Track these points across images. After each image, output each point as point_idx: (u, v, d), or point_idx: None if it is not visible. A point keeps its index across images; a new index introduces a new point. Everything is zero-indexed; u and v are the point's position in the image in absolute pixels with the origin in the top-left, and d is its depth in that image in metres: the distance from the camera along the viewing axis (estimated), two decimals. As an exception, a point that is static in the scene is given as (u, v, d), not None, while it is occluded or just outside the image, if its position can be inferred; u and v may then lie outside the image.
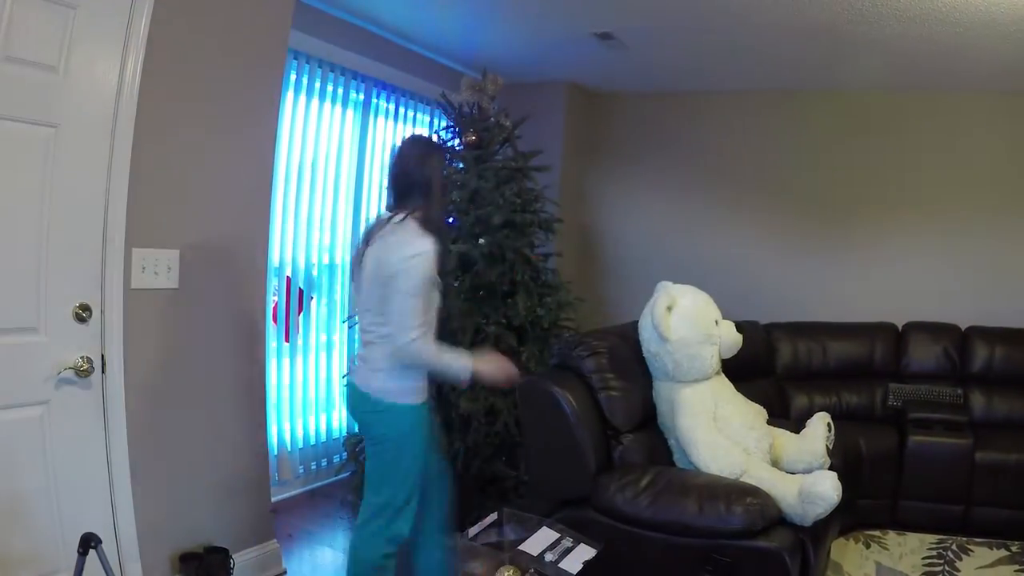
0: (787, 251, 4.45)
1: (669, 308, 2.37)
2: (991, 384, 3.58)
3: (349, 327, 3.60)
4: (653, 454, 2.39)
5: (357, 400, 2.05)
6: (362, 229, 2.84)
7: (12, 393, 1.89)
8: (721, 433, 2.31)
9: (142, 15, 2.05)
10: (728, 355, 2.49)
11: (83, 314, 2.02)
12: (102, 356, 2.07)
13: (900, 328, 3.82)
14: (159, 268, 2.21)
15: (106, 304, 2.07)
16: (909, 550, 2.98)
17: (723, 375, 2.54)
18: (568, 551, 1.99)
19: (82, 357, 2.00)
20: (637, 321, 2.53)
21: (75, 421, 2.02)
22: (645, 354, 2.44)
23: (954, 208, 4.10)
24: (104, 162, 2.04)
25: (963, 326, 3.74)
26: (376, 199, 3.93)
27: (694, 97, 4.65)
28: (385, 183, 2.41)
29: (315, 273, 3.61)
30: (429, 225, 1.98)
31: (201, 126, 2.30)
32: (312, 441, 3.62)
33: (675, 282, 2.53)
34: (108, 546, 2.07)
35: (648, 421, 2.47)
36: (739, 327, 2.54)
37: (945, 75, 3.77)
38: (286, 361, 3.48)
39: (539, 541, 2.01)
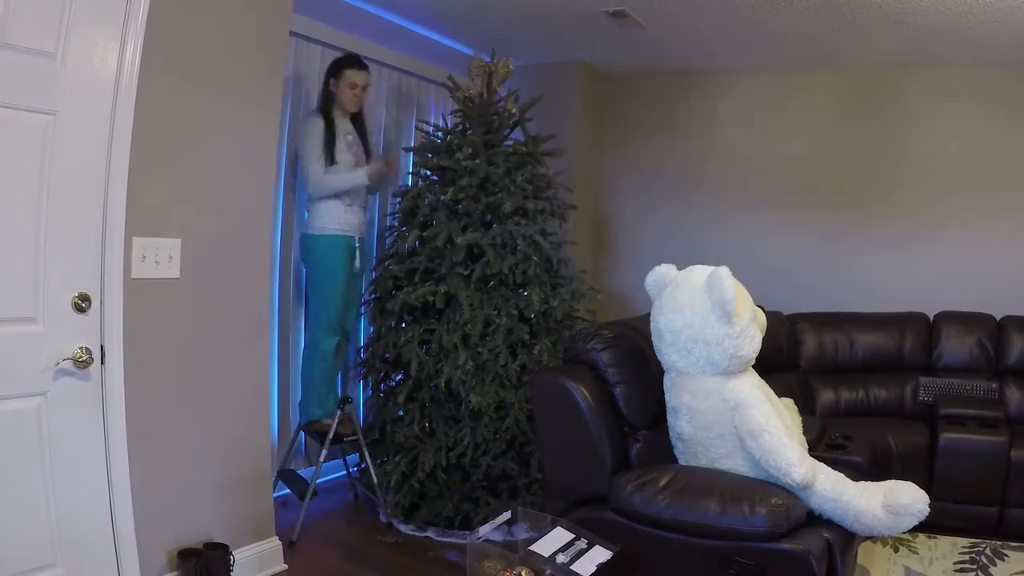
0: (812, 238, 4.31)
1: None
2: (1028, 378, 3.44)
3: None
4: (672, 452, 2.30)
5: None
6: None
7: (9, 384, 1.86)
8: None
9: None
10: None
11: (82, 304, 1.98)
12: (101, 347, 2.03)
13: (931, 318, 3.70)
14: (160, 257, 2.17)
15: (106, 294, 2.03)
16: (940, 554, 2.86)
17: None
18: (582, 553, 1.92)
19: (81, 348, 1.96)
20: (649, 313, 2.40)
21: (73, 413, 1.98)
22: (686, 344, 2.16)
23: (988, 192, 3.94)
24: (103, 149, 2.01)
25: (998, 316, 3.61)
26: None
27: (712, 77, 4.51)
28: None
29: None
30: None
31: (202, 112, 2.25)
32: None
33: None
34: (105, 541, 2.06)
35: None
36: (761, 318, 2.42)
37: (979, 50, 3.60)
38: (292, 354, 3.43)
39: (552, 541, 1.95)
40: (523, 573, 1.90)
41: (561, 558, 1.88)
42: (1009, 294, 3.77)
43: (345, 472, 3.44)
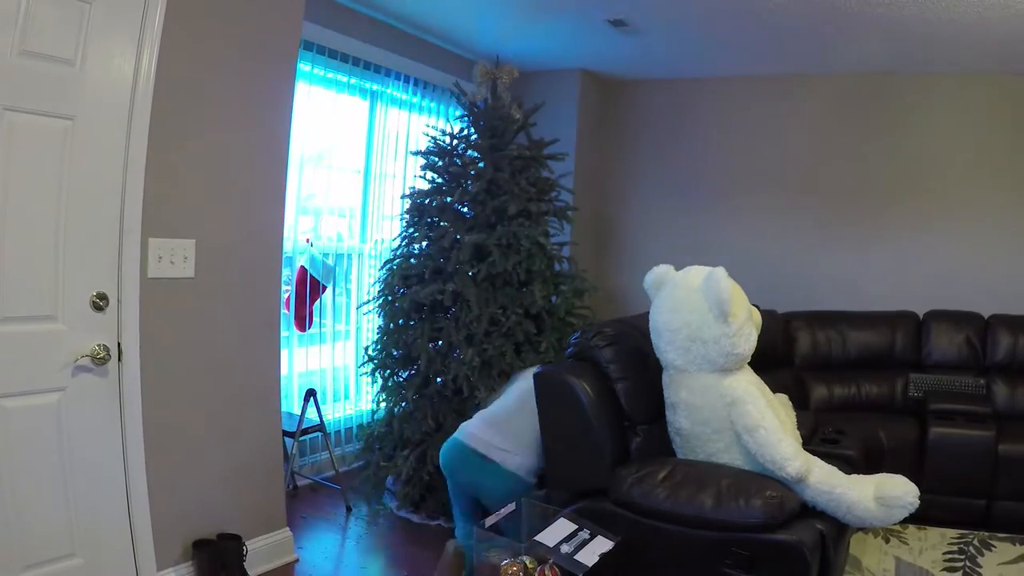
0: (806, 239, 4.40)
1: None
2: (1015, 374, 3.53)
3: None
4: (671, 446, 2.36)
5: None
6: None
7: (29, 380, 1.91)
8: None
9: (156, 8, 2.07)
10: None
11: (100, 303, 2.04)
12: (119, 344, 2.09)
13: (921, 317, 3.77)
14: (175, 258, 2.23)
15: (123, 293, 2.09)
16: (930, 545, 2.93)
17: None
18: (585, 543, 1.97)
19: (99, 345, 2.02)
20: (648, 312, 2.46)
21: (91, 408, 2.04)
22: (684, 343, 2.21)
23: (976, 194, 4.03)
24: (120, 153, 2.06)
25: (986, 314, 3.69)
26: (386, 187, 3.92)
27: (710, 84, 4.59)
28: None
29: (330, 262, 3.61)
30: None
31: (216, 117, 2.31)
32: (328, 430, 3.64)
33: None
34: (122, 532, 2.11)
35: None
36: (756, 316, 2.47)
37: (966, 58, 3.69)
38: (302, 350, 3.50)
39: (556, 532, 2.00)
40: (527, 562, 1.96)
41: (565, 548, 1.94)
42: (997, 293, 3.86)
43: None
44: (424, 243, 3.11)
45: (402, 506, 3.10)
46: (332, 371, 3.71)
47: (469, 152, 3.14)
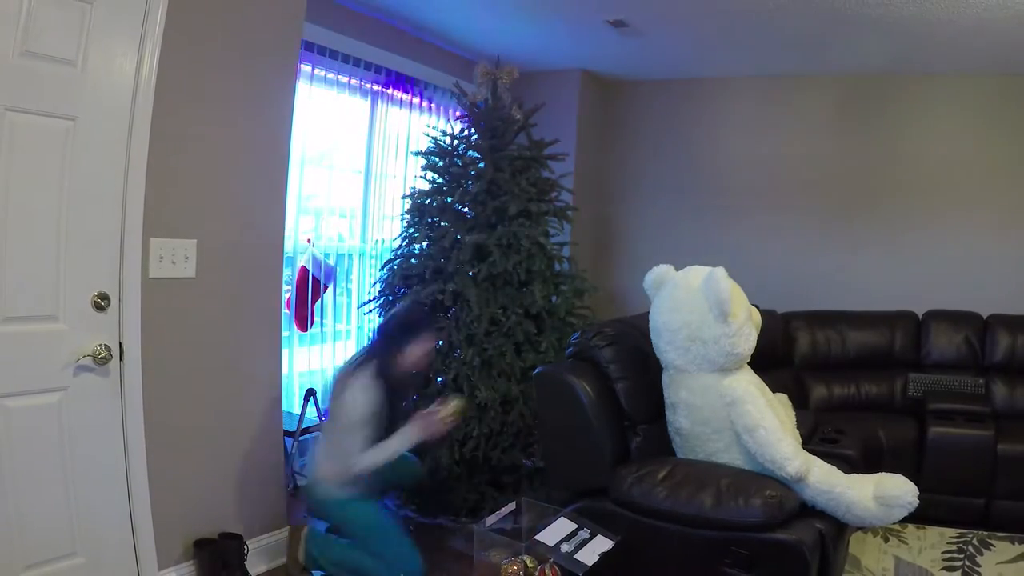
0: (806, 239, 4.41)
1: None
2: (1014, 374, 3.54)
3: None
4: (671, 445, 2.37)
5: None
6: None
7: (31, 379, 1.92)
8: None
9: (158, 9, 2.07)
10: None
11: (101, 303, 2.04)
12: (120, 344, 2.09)
13: (920, 317, 3.78)
14: (176, 258, 2.23)
15: (124, 293, 2.09)
16: (929, 544, 2.94)
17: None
18: (585, 542, 1.99)
19: (100, 345, 2.02)
20: (648, 312, 2.46)
21: (93, 407, 2.04)
22: (684, 343, 2.21)
23: (975, 194, 4.05)
24: (122, 153, 2.06)
25: (985, 314, 3.70)
26: (387, 188, 3.93)
27: (709, 84, 4.60)
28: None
29: (331, 262, 3.62)
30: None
31: (217, 117, 2.31)
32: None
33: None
34: (123, 531, 2.12)
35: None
36: (756, 316, 2.48)
37: (965, 58, 3.70)
38: (303, 350, 3.51)
39: (556, 531, 2.01)
40: (527, 561, 1.97)
41: (565, 547, 1.95)
42: (995, 293, 3.87)
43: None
44: (425, 243, 3.12)
45: (403, 505, 3.11)
46: (333, 371, 3.71)
47: (469, 152, 3.15)
